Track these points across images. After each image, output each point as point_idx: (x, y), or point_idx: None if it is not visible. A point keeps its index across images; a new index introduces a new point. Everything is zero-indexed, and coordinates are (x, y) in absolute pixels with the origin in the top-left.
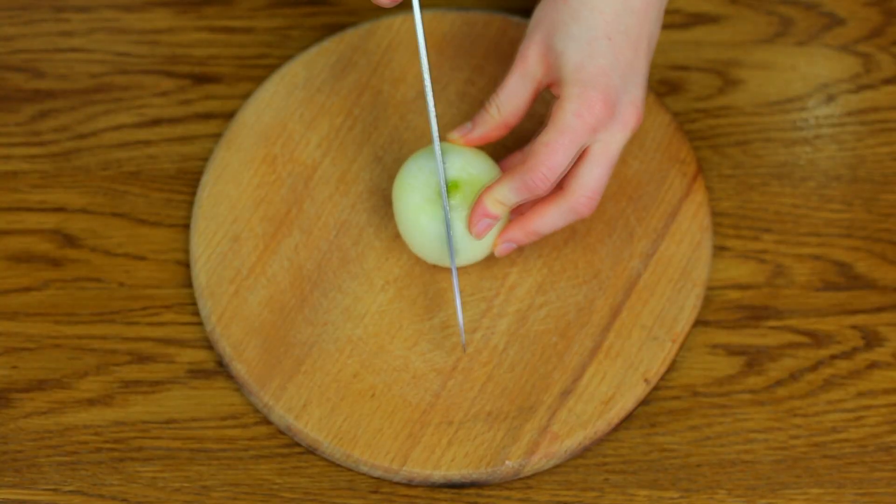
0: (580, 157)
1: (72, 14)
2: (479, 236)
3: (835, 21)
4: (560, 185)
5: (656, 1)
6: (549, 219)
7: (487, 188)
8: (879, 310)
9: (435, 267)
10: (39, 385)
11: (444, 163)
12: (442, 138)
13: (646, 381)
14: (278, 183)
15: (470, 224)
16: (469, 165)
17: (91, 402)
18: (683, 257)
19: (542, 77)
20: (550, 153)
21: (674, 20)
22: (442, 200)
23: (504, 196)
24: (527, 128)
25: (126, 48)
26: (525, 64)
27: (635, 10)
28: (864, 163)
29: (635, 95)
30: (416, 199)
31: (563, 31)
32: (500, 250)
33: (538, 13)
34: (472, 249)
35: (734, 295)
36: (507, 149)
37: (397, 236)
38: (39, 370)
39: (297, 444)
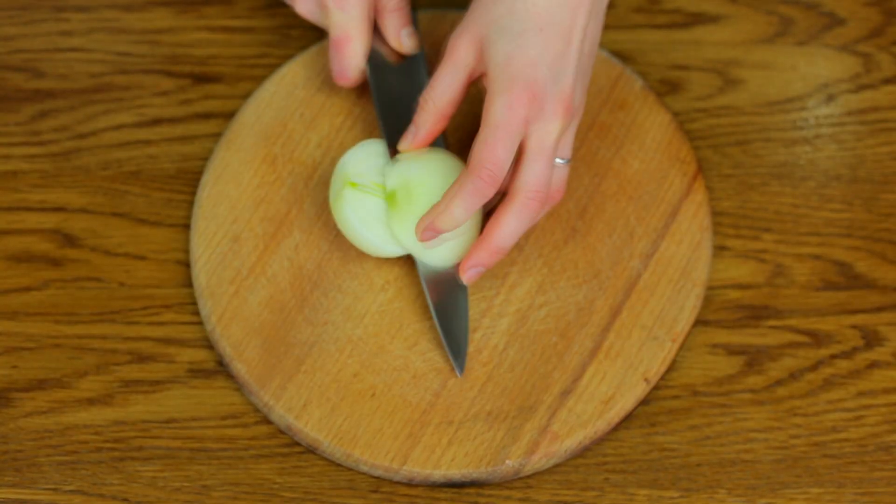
0: (518, 155)
1: (72, 14)
2: (426, 240)
3: (835, 21)
4: (507, 191)
5: None
6: (506, 228)
7: (434, 207)
8: (879, 310)
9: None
10: (39, 385)
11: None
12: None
13: (646, 380)
14: (278, 183)
15: (418, 233)
16: (409, 170)
17: (91, 402)
18: (683, 257)
19: (473, 67)
20: (490, 150)
21: (674, 20)
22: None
23: (455, 207)
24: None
25: (126, 48)
26: (457, 55)
27: (568, 3)
28: (864, 163)
29: (564, 86)
30: (338, 184)
31: (497, 23)
32: (468, 277)
33: (474, 4)
34: (429, 254)
35: (734, 295)
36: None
37: None
38: (39, 370)
39: (297, 444)
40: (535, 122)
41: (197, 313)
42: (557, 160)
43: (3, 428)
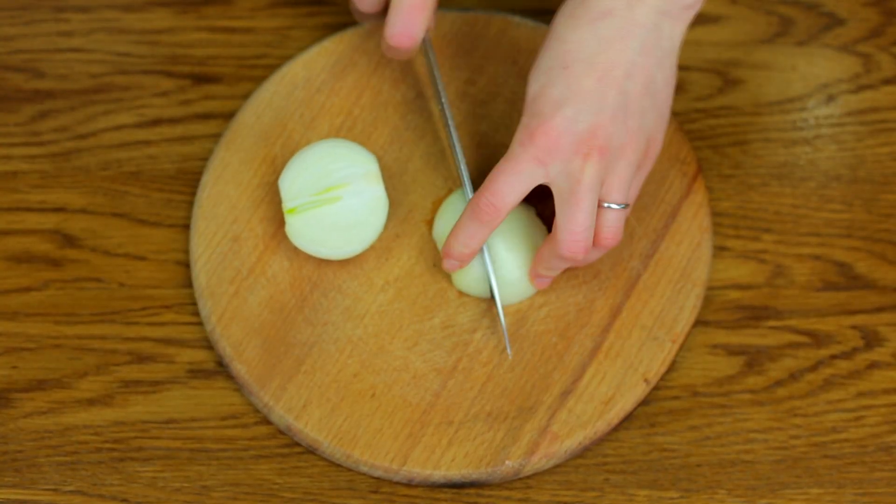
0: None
1: (72, 14)
2: (448, 269)
3: (835, 21)
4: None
5: (642, 28)
6: (545, 263)
7: (448, 235)
8: (879, 310)
9: (435, 267)
10: (39, 385)
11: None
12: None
13: (646, 381)
14: (278, 183)
15: (443, 259)
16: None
17: (91, 402)
18: (683, 257)
19: None
20: (492, 180)
21: None
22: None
23: (460, 232)
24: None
25: (126, 48)
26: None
27: (604, 37)
28: (864, 163)
29: (593, 125)
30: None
31: (537, 61)
32: (538, 283)
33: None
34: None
35: (734, 295)
36: None
37: (397, 236)
38: (39, 370)
39: (297, 444)
40: (550, 161)
41: (197, 314)
42: (611, 205)
43: (3, 428)
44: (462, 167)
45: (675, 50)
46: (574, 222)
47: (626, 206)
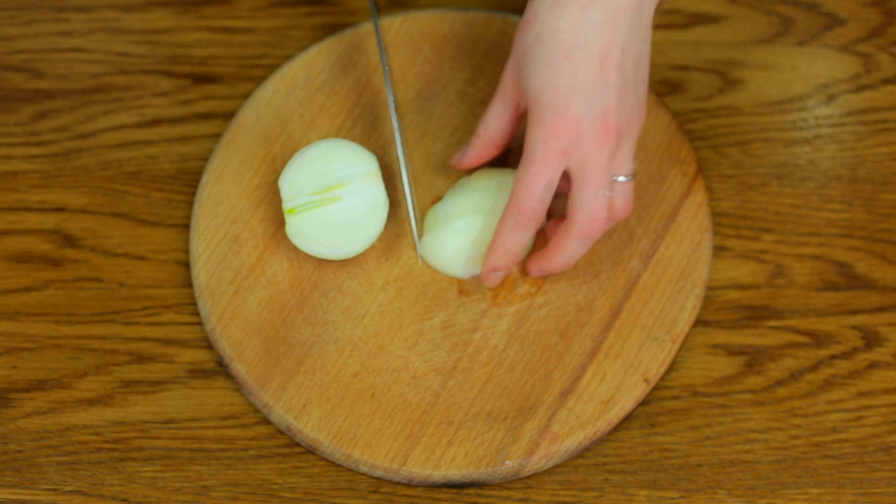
0: (570, 181)
1: (72, 14)
2: (493, 283)
3: (835, 21)
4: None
5: (628, 8)
6: (566, 252)
7: (489, 249)
8: (879, 310)
9: (434, 267)
10: (39, 385)
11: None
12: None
13: (646, 381)
14: (278, 183)
15: (484, 278)
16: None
17: (91, 402)
18: (683, 257)
19: (518, 100)
20: (526, 187)
21: (674, 20)
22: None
23: (506, 244)
24: None
25: (126, 48)
26: (504, 88)
27: (596, 21)
28: (864, 163)
29: (603, 109)
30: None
31: (527, 54)
32: (534, 274)
33: (516, 36)
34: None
35: (734, 295)
36: None
37: (397, 236)
38: (39, 370)
39: (297, 444)
40: (573, 151)
41: (197, 313)
42: (619, 178)
43: (3, 428)
44: (402, 164)
45: (651, 25)
46: (593, 203)
47: (634, 175)
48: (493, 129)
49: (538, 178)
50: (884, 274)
